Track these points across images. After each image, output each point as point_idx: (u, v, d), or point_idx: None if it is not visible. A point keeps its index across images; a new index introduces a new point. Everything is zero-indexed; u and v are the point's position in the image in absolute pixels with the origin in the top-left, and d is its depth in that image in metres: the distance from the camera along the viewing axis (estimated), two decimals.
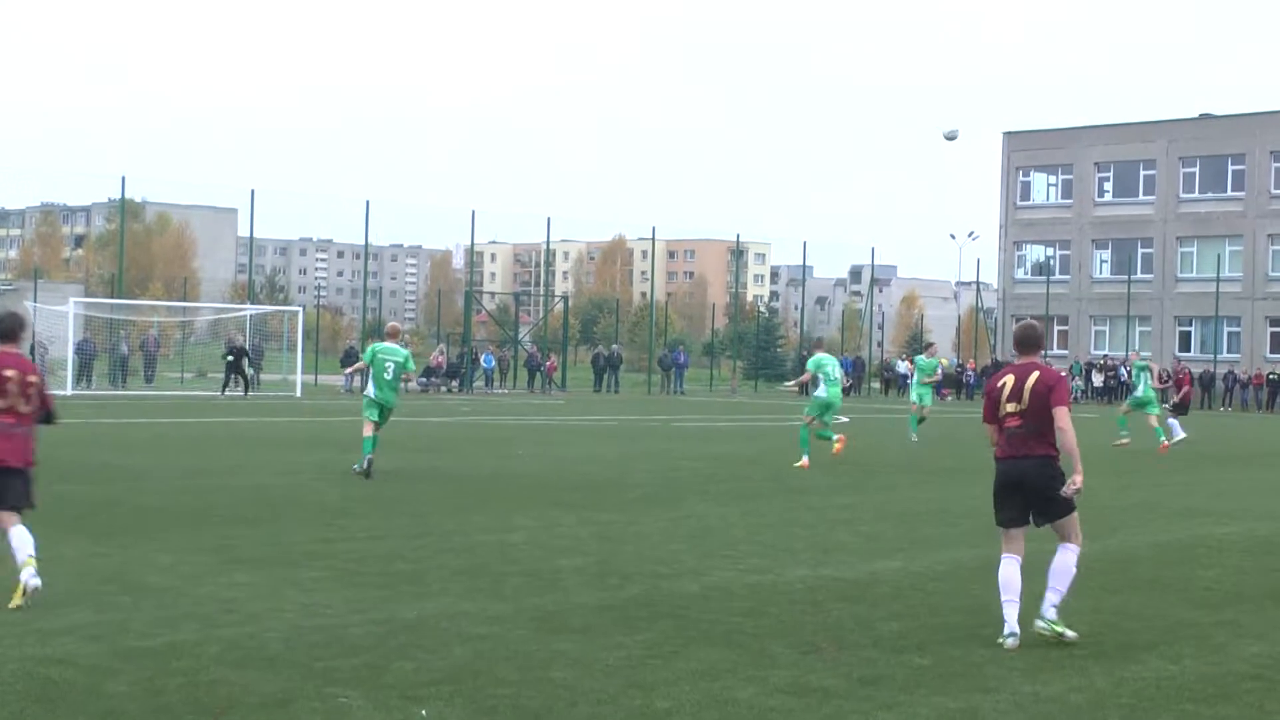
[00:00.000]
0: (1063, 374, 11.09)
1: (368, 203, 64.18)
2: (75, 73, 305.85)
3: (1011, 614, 10.40)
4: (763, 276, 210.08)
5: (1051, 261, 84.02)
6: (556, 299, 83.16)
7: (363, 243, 67.04)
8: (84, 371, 55.05)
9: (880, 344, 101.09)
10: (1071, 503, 10.47)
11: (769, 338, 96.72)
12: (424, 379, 63.51)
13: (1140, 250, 79.83)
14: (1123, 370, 72.44)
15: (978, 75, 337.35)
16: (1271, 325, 75.13)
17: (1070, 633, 10.27)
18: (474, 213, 68.97)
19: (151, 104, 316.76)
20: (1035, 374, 10.56)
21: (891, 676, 9.19)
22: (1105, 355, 77.20)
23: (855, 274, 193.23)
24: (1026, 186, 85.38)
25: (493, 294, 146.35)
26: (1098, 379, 73.66)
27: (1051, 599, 10.38)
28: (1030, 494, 10.49)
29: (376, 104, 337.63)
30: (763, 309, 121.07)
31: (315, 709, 8.08)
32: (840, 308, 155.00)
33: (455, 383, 63.28)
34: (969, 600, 12.05)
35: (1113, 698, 8.86)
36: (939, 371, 34.88)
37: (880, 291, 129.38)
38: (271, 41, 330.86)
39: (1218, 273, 74.62)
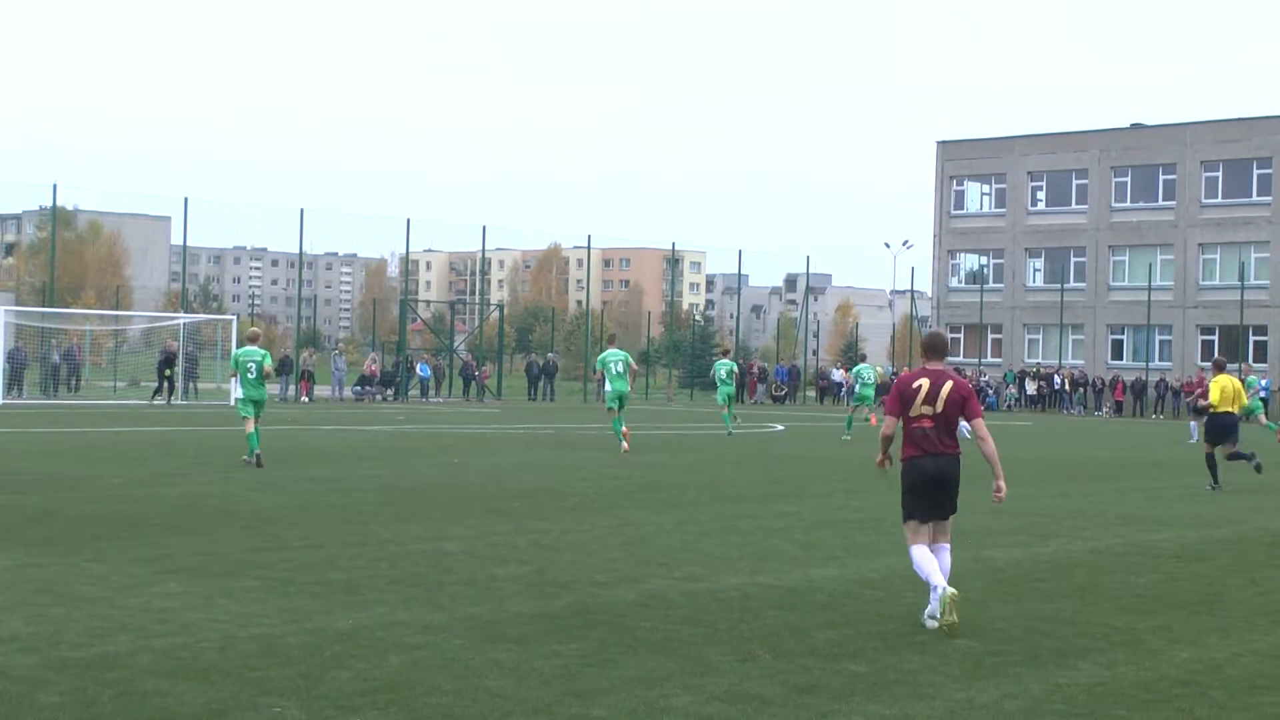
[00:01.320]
0: (970, 383, 11.90)
1: (302, 211, 63.95)
2: (3, 78, 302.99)
3: (939, 594, 11.03)
4: (698, 285, 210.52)
5: (985, 270, 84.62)
6: (492, 307, 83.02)
7: (297, 251, 66.73)
8: (15, 381, 54.52)
9: (815, 352, 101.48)
10: (956, 502, 11.54)
11: (704, 346, 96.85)
12: (359, 388, 63.29)
13: (1073, 259, 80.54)
14: (1057, 379, 73.05)
15: (912, 84, 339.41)
16: (1202, 333, 75.93)
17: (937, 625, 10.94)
18: (409, 221, 68.90)
19: (83, 110, 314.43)
20: (950, 383, 11.41)
21: (827, 684, 9.22)
22: (1038, 364, 77.84)
23: (790, 282, 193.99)
24: (960, 195, 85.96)
25: (428, 302, 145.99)
26: (1031, 387, 74.20)
27: (942, 583, 11.03)
28: (943, 489, 11.38)
29: (310, 112, 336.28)
30: (698, 317, 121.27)
31: (249, 719, 8.03)
32: (776, 316, 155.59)
33: (390, 391, 63.06)
34: (904, 607, 12.10)
35: (1047, 704, 8.92)
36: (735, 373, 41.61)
37: (815, 300, 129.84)
38: (204, 49, 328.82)
39: (1149, 282, 75.35)
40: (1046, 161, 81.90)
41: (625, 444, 30.20)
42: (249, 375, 25.55)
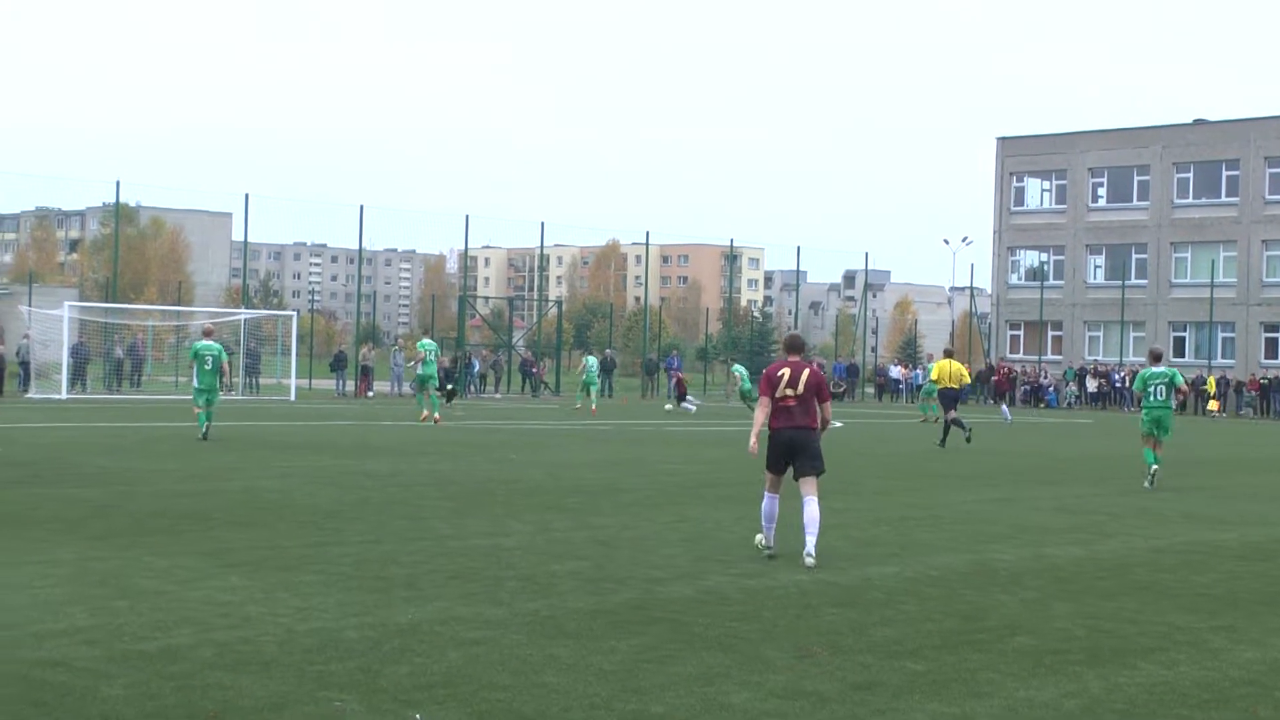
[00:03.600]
0: (821, 370, 15.04)
1: (361, 207, 64.15)
2: (69, 77, 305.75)
3: (772, 536, 14.47)
4: (756, 281, 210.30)
5: (1046, 267, 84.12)
6: (550, 303, 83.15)
7: (356, 247, 67.01)
8: (78, 375, 54.98)
9: (874, 349, 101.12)
10: (822, 465, 14.41)
11: (763, 342, 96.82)
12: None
13: (1134, 256, 79.94)
14: (1116, 375, 72.56)
15: (972, 80, 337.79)
16: (1266, 330, 75.22)
17: (814, 562, 13.89)
18: (468, 217, 69.13)
19: (146, 108, 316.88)
20: (807, 370, 14.43)
21: (885, 682, 9.19)
22: (1097, 361, 77.31)
23: (849, 279, 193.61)
24: (1021, 192, 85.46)
25: (487, 298, 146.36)
26: (1092, 385, 73.66)
27: (811, 541, 14.08)
28: (799, 454, 14.28)
29: (370, 109, 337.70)
30: (757, 314, 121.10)
31: (309, 713, 8.07)
32: (834, 313, 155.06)
33: (449, 387, 63.19)
34: (963, 605, 12.06)
35: (1107, 703, 8.87)
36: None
37: (874, 297, 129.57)
38: (266, 47, 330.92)
39: (1212, 278, 74.73)
40: (1108, 157, 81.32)
41: (437, 416, 37.95)
42: (205, 367, 28.65)
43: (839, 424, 41.26)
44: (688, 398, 54.47)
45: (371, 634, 10.14)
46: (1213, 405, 68.16)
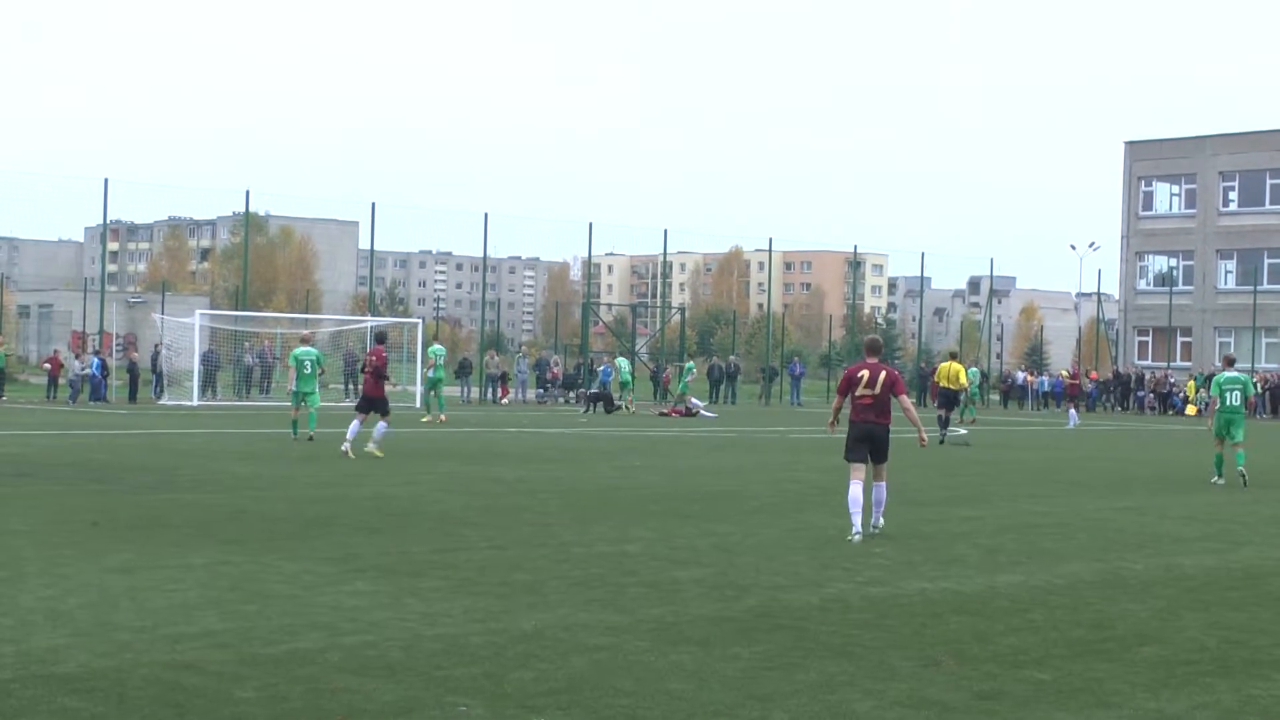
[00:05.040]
0: (898, 371, 17.49)
1: (486, 215, 64.72)
2: (201, 89, 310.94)
3: (858, 520, 16.16)
4: (880, 288, 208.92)
5: (1175, 272, 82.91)
6: (673, 310, 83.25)
7: (481, 255, 67.53)
8: (209, 382, 55.92)
9: (1000, 355, 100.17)
10: (888, 453, 16.60)
11: (887, 349, 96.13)
12: (541, 390, 63.88)
13: (1267, 260, 78.57)
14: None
15: (1099, 83, 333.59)
16: None
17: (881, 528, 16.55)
18: (591, 225, 69.28)
19: (275, 119, 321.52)
20: (884, 372, 16.49)
21: (1011, 691, 9.11)
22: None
23: (974, 285, 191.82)
24: (1149, 196, 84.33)
25: (610, 305, 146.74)
26: None
27: (878, 513, 16.60)
28: (874, 444, 16.39)
29: (494, 116, 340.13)
30: (880, 320, 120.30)
31: (435, 717, 8.15)
32: (959, 319, 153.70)
33: (572, 394, 63.51)
34: (1090, 614, 11.92)
35: (1240, 716, 8.72)
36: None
37: (999, 303, 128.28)
38: (390, 57, 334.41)
39: None
40: (1239, 161, 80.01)
41: (443, 416, 41.06)
42: (304, 371, 30.41)
43: (964, 430, 41.02)
44: (696, 404, 54.26)
45: (496, 640, 10.22)
46: None
